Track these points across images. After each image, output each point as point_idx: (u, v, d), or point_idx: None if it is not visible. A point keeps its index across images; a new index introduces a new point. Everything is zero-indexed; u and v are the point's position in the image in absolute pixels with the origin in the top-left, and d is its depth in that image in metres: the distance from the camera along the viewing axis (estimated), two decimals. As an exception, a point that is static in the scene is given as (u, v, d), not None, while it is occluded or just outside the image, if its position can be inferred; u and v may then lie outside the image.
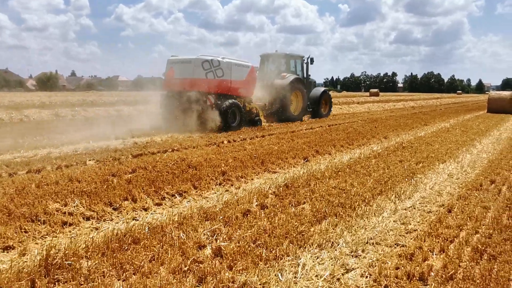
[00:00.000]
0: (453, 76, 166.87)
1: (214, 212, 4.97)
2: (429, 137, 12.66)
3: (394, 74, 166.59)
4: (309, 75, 19.15)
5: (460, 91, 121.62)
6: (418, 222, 4.93)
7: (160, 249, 3.87)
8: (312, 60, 18.67)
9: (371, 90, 64.72)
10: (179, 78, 13.56)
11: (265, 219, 4.81)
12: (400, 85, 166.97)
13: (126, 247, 3.91)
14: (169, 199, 5.80)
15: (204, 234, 4.31)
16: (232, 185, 6.66)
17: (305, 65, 18.67)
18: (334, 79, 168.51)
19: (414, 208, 5.49)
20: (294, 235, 4.30)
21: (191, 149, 9.67)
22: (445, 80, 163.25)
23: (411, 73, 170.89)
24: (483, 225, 4.81)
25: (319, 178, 6.87)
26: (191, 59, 13.49)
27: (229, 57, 14.29)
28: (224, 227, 4.56)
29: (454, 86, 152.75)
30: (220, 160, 8.05)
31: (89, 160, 8.20)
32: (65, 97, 36.15)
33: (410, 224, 4.84)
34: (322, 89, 19.85)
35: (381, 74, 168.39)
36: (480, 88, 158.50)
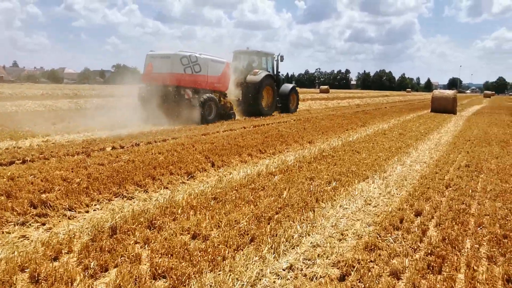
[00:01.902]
0: (404, 74, 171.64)
1: None
2: (360, 142, 10.89)
3: (347, 72, 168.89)
4: (279, 72, 19.77)
5: (409, 89, 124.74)
6: (283, 309, 2.91)
7: None
8: (282, 58, 19.25)
9: (321, 87, 63.91)
10: (158, 72, 13.88)
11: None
12: (353, 82, 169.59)
13: None
14: None
15: None
16: (44, 224, 4.41)
17: (275, 63, 19.26)
18: (289, 75, 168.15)
19: (292, 271, 3.50)
20: None
21: (52, 159, 7.34)
22: (396, 78, 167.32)
23: (364, 71, 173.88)
24: (386, 314, 2.86)
25: (176, 212, 4.74)
26: (170, 55, 13.86)
27: (206, 53, 14.68)
28: None
29: (404, 84, 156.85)
30: (59, 180, 5.76)
31: None
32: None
33: (267, 316, 2.81)
34: (291, 85, 20.22)
35: (335, 71, 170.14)
36: (429, 86, 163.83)
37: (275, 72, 19.21)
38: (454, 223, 4.68)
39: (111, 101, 23.91)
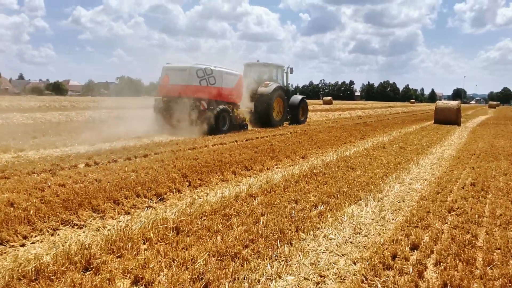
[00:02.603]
0: (408, 85, 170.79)
1: None
2: (357, 156, 10.11)
3: (351, 83, 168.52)
4: (289, 84, 20.05)
5: (413, 100, 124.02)
6: None
7: None
8: (291, 70, 19.51)
9: (324, 98, 63.31)
10: (174, 84, 14.18)
11: None
12: (357, 93, 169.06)
13: None
14: None
15: None
16: (-38, 264, 3.66)
17: (285, 75, 19.54)
18: (294, 86, 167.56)
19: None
20: None
21: (13, 179, 6.62)
22: (400, 89, 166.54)
23: (368, 82, 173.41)
24: None
25: (124, 247, 3.98)
26: (187, 67, 14.16)
27: (220, 66, 14.95)
28: None
29: (408, 95, 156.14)
30: (4, 205, 5.03)
31: None
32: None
33: None
34: (300, 97, 20.31)
35: (339, 83, 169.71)
36: (433, 97, 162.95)
37: (284, 84, 19.44)
38: (457, 261, 3.88)
39: (104, 113, 23.38)
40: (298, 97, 20.15)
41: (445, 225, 5.03)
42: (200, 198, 6.14)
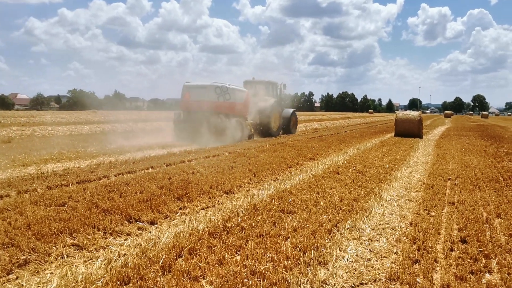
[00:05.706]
0: (366, 96, 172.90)
1: None
2: (300, 189, 7.51)
3: (311, 94, 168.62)
4: (282, 98, 22.23)
5: (372, 110, 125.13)
6: None
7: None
8: (285, 86, 21.57)
9: (282, 109, 61.13)
10: (195, 100, 15.78)
11: None
12: (317, 104, 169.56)
13: None
14: None
15: None
16: None
17: (278, 90, 21.39)
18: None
19: None
20: None
21: None
22: (359, 100, 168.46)
23: (328, 93, 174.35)
24: None
25: None
26: (206, 85, 15.80)
27: (233, 84, 16.79)
28: None
29: (366, 105, 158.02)
30: None
31: None
32: None
33: None
34: (291, 110, 22.11)
35: (299, 94, 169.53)
36: (390, 107, 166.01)
37: (278, 98, 21.12)
38: None
39: (16, 131, 19.93)
40: (289, 110, 21.83)
41: None
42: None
